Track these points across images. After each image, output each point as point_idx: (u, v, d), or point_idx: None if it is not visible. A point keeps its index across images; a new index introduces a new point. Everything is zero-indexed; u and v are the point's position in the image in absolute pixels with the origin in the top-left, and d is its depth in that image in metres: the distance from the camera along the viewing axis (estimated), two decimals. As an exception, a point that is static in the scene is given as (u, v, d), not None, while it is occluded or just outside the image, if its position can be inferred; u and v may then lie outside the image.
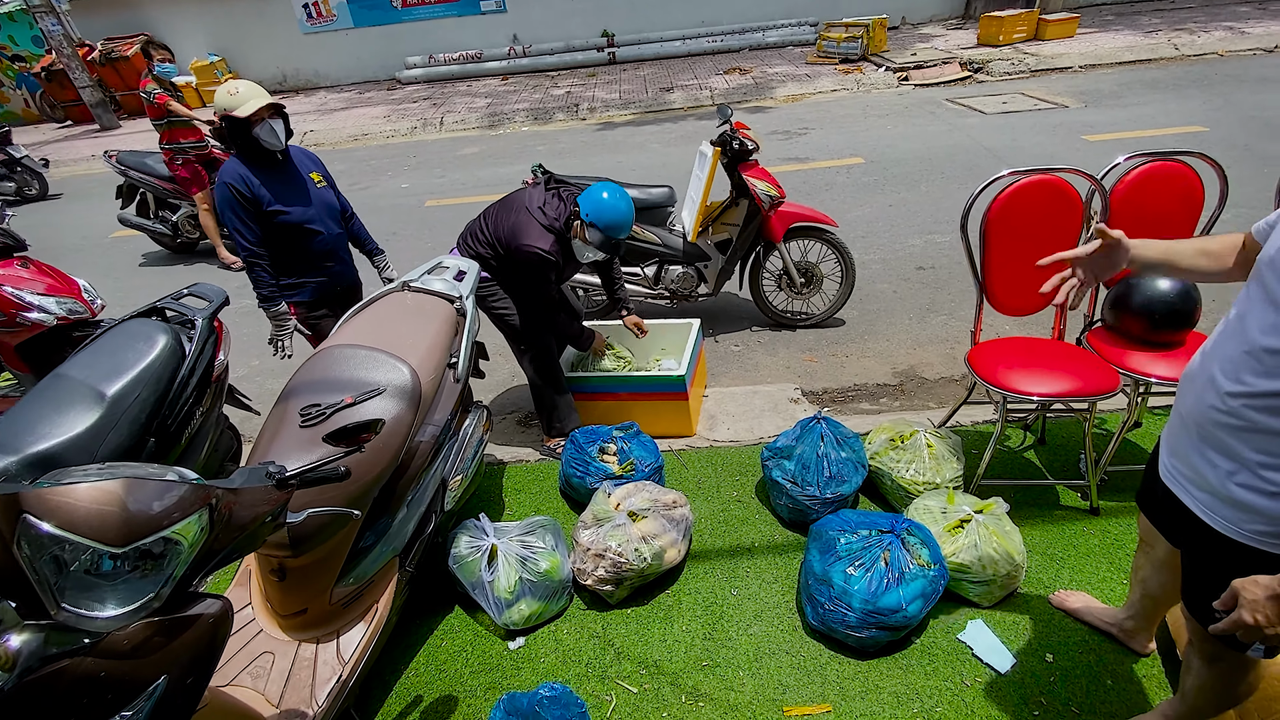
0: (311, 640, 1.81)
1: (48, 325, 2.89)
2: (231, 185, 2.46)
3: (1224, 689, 1.42)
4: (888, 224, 4.95)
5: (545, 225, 2.54)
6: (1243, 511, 1.14)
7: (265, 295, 2.61)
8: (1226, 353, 1.14)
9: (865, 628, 1.89)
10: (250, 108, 2.44)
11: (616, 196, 2.50)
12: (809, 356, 3.63)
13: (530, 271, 2.56)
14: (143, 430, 2.02)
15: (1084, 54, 8.91)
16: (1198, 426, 1.21)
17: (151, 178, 5.61)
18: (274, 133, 2.50)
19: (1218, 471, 1.17)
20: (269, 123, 2.49)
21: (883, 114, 7.78)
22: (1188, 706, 1.52)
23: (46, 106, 12.27)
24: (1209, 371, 1.18)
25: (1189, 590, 1.35)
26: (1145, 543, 1.66)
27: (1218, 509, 1.19)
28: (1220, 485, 1.17)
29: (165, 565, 1.06)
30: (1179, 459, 1.29)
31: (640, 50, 12.06)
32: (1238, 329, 1.13)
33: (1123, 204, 2.29)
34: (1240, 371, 1.10)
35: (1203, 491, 1.22)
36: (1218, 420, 1.15)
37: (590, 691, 1.94)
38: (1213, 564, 1.24)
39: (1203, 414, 1.19)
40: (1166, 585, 1.64)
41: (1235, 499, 1.15)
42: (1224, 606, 1.12)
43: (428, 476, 2.07)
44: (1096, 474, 2.34)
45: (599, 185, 2.53)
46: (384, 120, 9.90)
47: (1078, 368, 2.19)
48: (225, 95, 2.48)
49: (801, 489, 2.32)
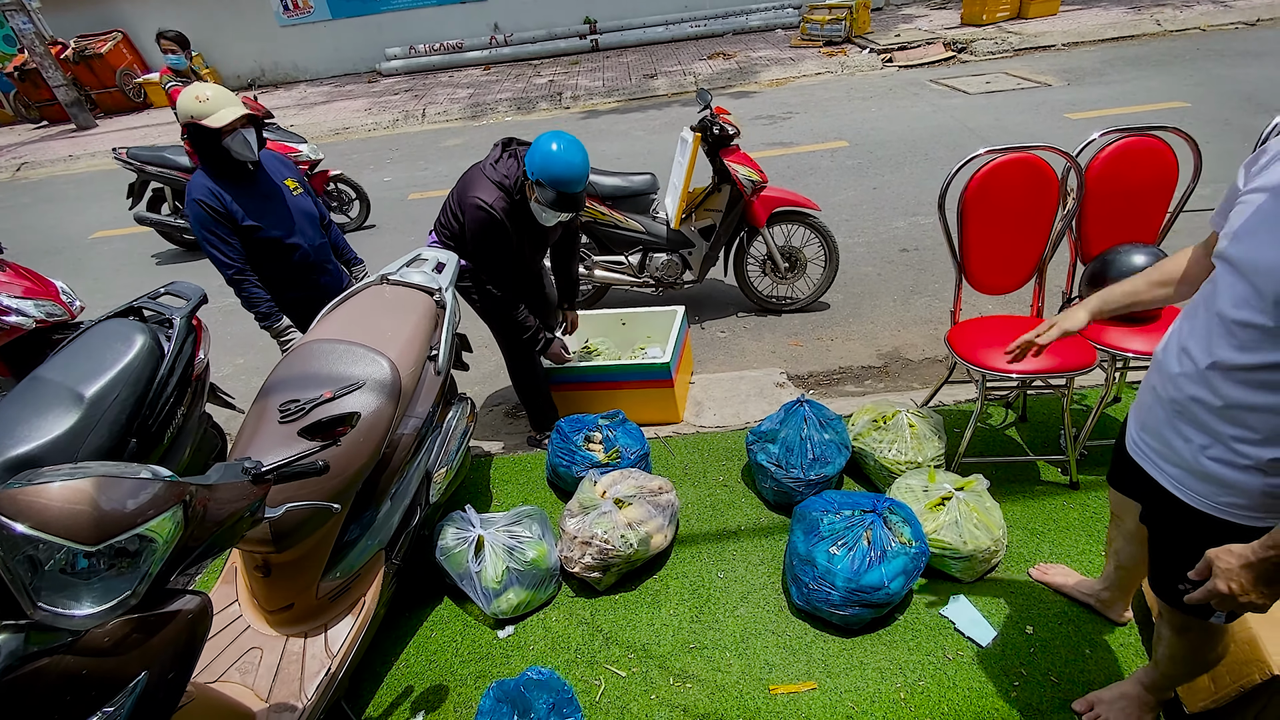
0: (299, 634, 1.82)
1: (26, 329, 2.87)
2: (202, 202, 2.30)
3: (1194, 656, 1.45)
4: (872, 207, 4.96)
5: (494, 181, 2.36)
6: (1216, 485, 1.16)
7: (263, 313, 2.46)
8: (1198, 328, 1.15)
9: (849, 606, 1.91)
10: (222, 119, 2.25)
11: (566, 147, 2.23)
12: (794, 341, 3.65)
13: (477, 235, 2.36)
14: (123, 431, 2.02)
15: (1067, 31, 8.90)
16: (1171, 402, 1.21)
17: (171, 170, 5.38)
18: (247, 144, 2.33)
19: (1190, 446, 1.18)
20: (241, 133, 2.30)
21: (867, 96, 7.76)
22: (1161, 674, 1.56)
23: (21, 107, 12.05)
24: (1182, 346, 1.19)
25: (1156, 565, 1.37)
26: (1116, 516, 1.69)
27: (1189, 483, 1.20)
28: (1193, 460, 1.18)
29: (140, 562, 1.06)
30: (1149, 434, 1.30)
31: (623, 37, 11.97)
32: (1209, 304, 1.13)
33: (1098, 180, 2.30)
34: (1212, 346, 1.11)
35: (1174, 466, 1.23)
36: (1191, 395, 1.16)
37: (579, 677, 1.96)
38: (1183, 538, 1.26)
39: (1176, 389, 1.19)
40: (1138, 556, 1.67)
41: (1208, 473, 1.16)
42: (1199, 576, 1.13)
43: (411, 469, 2.08)
44: (1076, 449, 2.37)
45: (546, 136, 2.26)
46: (365, 113, 9.80)
47: (1055, 345, 2.20)
48: (193, 102, 2.27)
49: (786, 471, 2.34)
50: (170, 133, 10.00)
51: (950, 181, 2.30)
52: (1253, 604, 1.07)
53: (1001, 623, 1.96)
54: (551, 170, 2.23)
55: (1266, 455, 1.07)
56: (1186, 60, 7.40)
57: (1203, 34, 8.46)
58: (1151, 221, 2.37)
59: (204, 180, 2.34)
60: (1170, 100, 6.20)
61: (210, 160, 2.35)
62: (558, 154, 2.22)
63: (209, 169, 2.37)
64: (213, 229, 2.34)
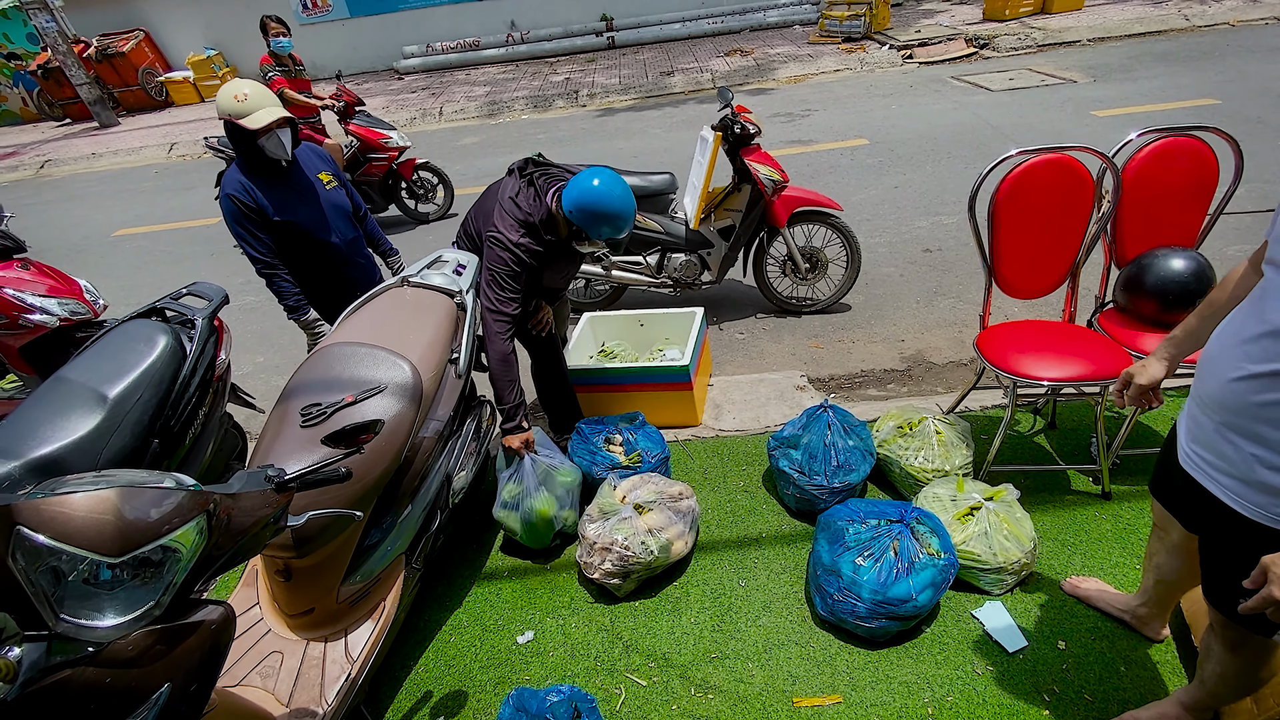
0: (320, 639, 1.81)
1: (50, 327, 2.89)
2: (234, 197, 2.36)
3: (1245, 675, 1.40)
4: (893, 206, 4.88)
5: (519, 220, 2.17)
6: (1273, 496, 1.13)
7: (292, 305, 2.51)
8: (1246, 334, 1.12)
9: (875, 618, 1.87)
10: (258, 121, 2.29)
11: (608, 183, 2.05)
12: (815, 343, 3.60)
13: (490, 263, 2.17)
14: (146, 432, 2.02)
15: (1092, 27, 8.72)
16: (1220, 411, 1.19)
17: None
18: (280, 144, 2.36)
19: (1243, 455, 1.15)
20: (276, 133, 2.34)
21: (887, 93, 7.65)
22: (1206, 693, 1.50)
23: (44, 105, 12.24)
24: (1229, 355, 1.16)
25: (1210, 577, 1.32)
26: (1159, 528, 1.63)
27: (1246, 494, 1.17)
28: (1248, 470, 1.15)
29: (164, 573, 1.05)
30: (1201, 445, 1.27)
31: (640, 34, 11.90)
32: (1257, 311, 1.11)
33: (1135, 182, 2.24)
34: (1261, 353, 1.09)
35: (1229, 477, 1.20)
36: (1241, 403, 1.13)
37: (599, 685, 1.94)
38: (1239, 549, 1.22)
39: (1225, 398, 1.17)
40: (1181, 571, 1.61)
41: (1264, 482, 1.13)
42: (1254, 584, 1.11)
43: (432, 473, 2.06)
44: (1109, 458, 2.30)
45: (588, 173, 2.08)
46: (383, 111, 9.82)
47: (1089, 351, 2.15)
48: (231, 100, 2.30)
49: (809, 478, 2.30)
50: (193, 131, 10.11)
51: (981, 182, 2.24)
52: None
53: (1033, 636, 1.91)
54: (589, 213, 2.06)
55: None
56: (1216, 56, 7.21)
57: (1232, 29, 8.25)
58: (1190, 224, 2.30)
59: (237, 175, 2.40)
60: (1200, 98, 6.04)
61: (245, 156, 2.40)
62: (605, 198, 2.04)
63: (243, 164, 2.42)
64: (243, 223, 2.39)
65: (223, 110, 2.33)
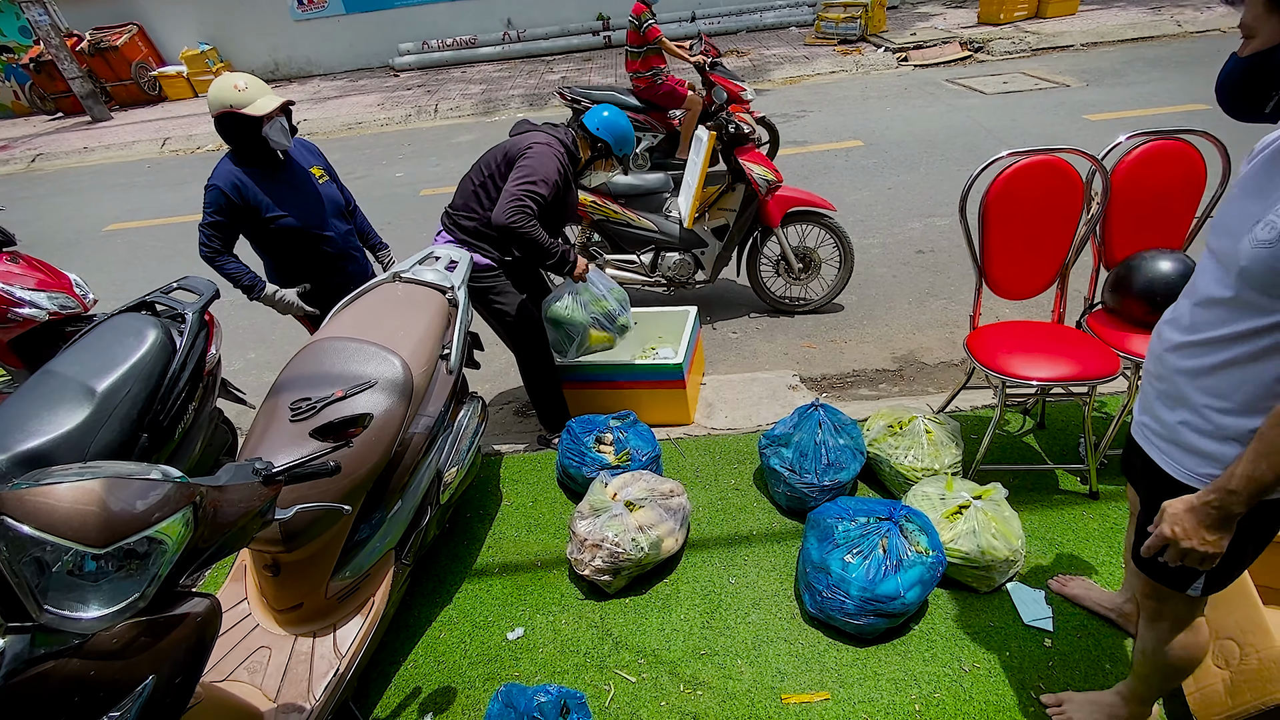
0: (308, 634, 1.80)
1: (39, 321, 2.86)
2: (219, 188, 2.31)
3: (1167, 653, 1.41)
4: (887, 207, 4.90)
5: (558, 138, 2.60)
6: (1198, 456, 1.19)
7: (247, 284, 2.46)
8: (1180, 308, 1.23)
9: (863, 615, 1.88)
10: (263, 107, 2.25)
11: (617, 112, 2.70)
12: (807, 343, 3.61)
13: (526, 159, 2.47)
14: (134, 426, 2.01)
15: (1086, 31, 8.78)
16: (1158, 379, 1.27)
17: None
18: (283, 131, 2.34)
19: (1174, 417, 1.22)
20: (278, 121, 2.31)
21: (882, 95, 7.69)
22: (1137, 678, 1.54)
23: (36, 98, 12.14)
24: (1165, 327, 1.26)
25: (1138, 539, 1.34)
26: (1133, 514, 1.65)
27: (1177, 457, 1.23)
28: (1177, 434, 1.22)
29: (149, 564, 1.04)
30: (1145, 413, 1.33)
31: (636, 33, 11.90)
32: (1190, 286, 1.22)
33: (1124, 184, 2.25)
34: (1190, 323, 1.18)
35: (1165, 441, 1.26)
36: (1172, 370, 1.22)
37: (589, 681, 1.94)
38: None
39: (1159, 367, 1.26)
40: None
41: (1190, 445, 1.19)
42: (1153, 528, 1.19)
43: (422, 469, 2.06)
44: (1096, 458, 2.32)
45: (598, 108, 2.71)
46: (378, 108, 9.80)
47: (1078, 351, 2.16)
48: (230, 91, 2.25)
49: (800, 476, 2.30)
50: (186, 125, 10.06)
51: (972, 184, 2.26)
52: (1196, 551, 1.12)
53: (1019, 634, 1.92)
54: (619, 128, 2.69)
55: (1245, 426, 1.10)
56: (1206, 62, 7.27)
57: (1223, 35, 8.32)
58: (1178, 226, 2.32)
59: (229, 167, 2.35)
60: (1191, 103, 6.09)
61: (242, 148, 2.35)
62: (620, 117, 2.70)
63: (238, 157, 2.37)
64: (215, 213, 2.34)
65: (221, 103, 2.26)
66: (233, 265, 2.44)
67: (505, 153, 2.57)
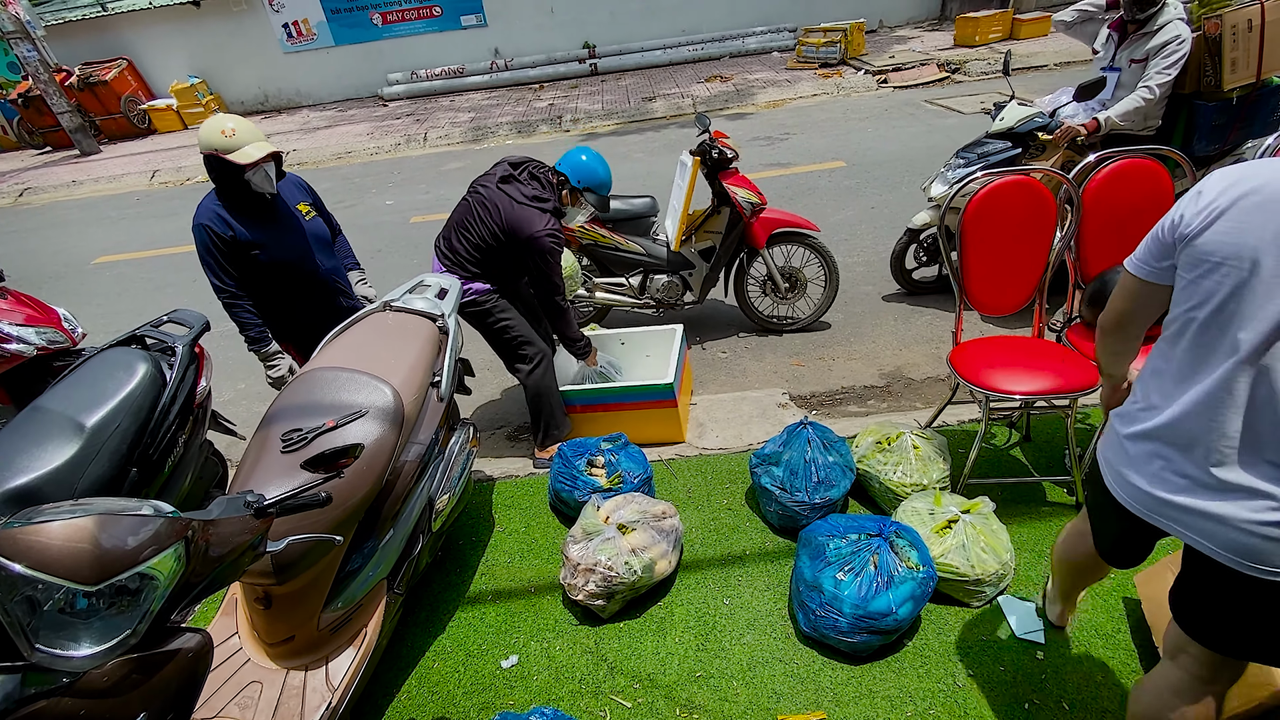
0: (300, 667, 1.79)
1: (27, 356, 2.85)
2: (208, 227, 2.31)
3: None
4: (870, 226, 4.99)
5: (547, 210, 2.64)
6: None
7: (253, 337, 2.48)
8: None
9: (857, 632, 1.89)
10: (248, 156, 2.23)
11: (594, 157, 2.79)
12: (796, 361, 3.65)
13: (545, 259, 2.63)
14: (124, 461, 2.01)
15: (1059, 52, 9.02)
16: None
17: None
18: (268, 178, 2.33)
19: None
20: (263, 168, 2.30)
21: (863, 117, 7.84)
22: None
23: (24, 133, 12.17)
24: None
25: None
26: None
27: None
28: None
29: (141, 601, 1.05)
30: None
31: (622, 60, 12.12)
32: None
33: (1095, 201, 2.32)
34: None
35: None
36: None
37: (584, 708, 1.93)
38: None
39: None
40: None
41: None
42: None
43: (414, 497, 2.06)
44: (1081, 469, 2.35)
45: (575, 151, 2.78)
46: (367, 137, 9.90)
47: (1058, 365, 2.21)
48: (218, 136, 2.23)
49: (790, 495, 2.32)
50: (175, 158, 10.11)
51: (949, 203, 2.32)
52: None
53: (1012, 647, 1.93)
54: (597, 178, 2.78)
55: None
56: (1177, 79, 7.47)
57: (1192, 53, 8.57)
58: (1150, 241, 2.38)
59: (213, 205, 2.35)
60: (1163, 118, 6.25)
61: (227, 188, 2.35)
62: (591, 164, 2.77)
63: (223, 197, 2.37)
64: (213, 253, 2.35)
65: (207, 145, 2.26)
66: (245, 313, 2.45)
67: (507, 221, 2.61)
